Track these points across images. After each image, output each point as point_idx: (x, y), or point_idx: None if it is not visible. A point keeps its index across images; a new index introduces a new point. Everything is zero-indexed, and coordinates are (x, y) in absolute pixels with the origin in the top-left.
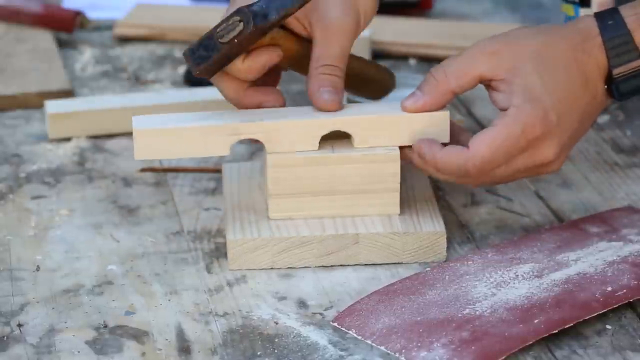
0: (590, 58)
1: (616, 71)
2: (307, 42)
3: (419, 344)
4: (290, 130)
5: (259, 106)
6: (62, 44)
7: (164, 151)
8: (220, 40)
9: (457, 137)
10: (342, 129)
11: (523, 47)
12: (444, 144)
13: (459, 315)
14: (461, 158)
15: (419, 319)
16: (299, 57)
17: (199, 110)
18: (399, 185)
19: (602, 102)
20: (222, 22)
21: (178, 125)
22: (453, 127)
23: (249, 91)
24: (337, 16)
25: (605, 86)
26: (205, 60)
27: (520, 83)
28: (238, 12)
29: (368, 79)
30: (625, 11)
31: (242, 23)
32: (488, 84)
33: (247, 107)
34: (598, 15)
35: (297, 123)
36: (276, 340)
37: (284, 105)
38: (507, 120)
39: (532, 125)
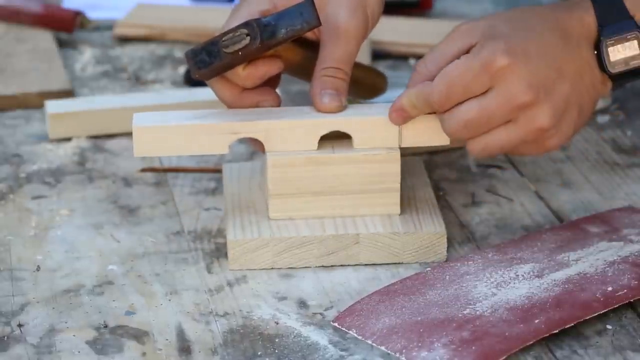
0: (572, 14)
1: (604, 33)
2: (308, 54)
3: (420, 344)
4: (289, 130)
5: (255, 106)
6: (62, 44)
7: (163, 148)
8: (224, 49)
9: None
10: (342, 130)
11: (498, 15)
12: None
13: (460, 315)
14: (426, 84)
15: (419, 318)
16: (300, 67)
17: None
18: (399, 185)
19: (593, 68)
20: (229, 31)
21: (177, 122)
22: None
23: (245, 92)
24: (346, 20)
25: (595, 52)
26: (206, 66)
27: (487, 32)
28: (246, 25)
29: (357, 82)
30: None
31: (249, 37)
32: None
33: (243, 107)
34: None
35: (296, 123)
36: (277, 340)
37: (279, 105)
38: (468, 55)
39: (492, 56)
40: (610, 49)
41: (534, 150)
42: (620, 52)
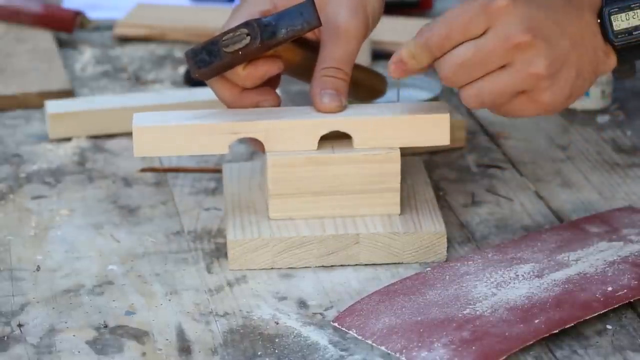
0: None
1: (608, 1)
2: (308, 54)
3: (420, 344)
4: (289, 130)
5: (255, 106)
6: (62, 44)
7: (163, 148)
8: (224, 49)
9: None
10: (342, 130)
11: None
12: None
13: (460, 315)
14: (425, 29)
15: (419, 318)
16: (300, 67)
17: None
18: (399, 185)
19: (595, 34)
20: (229, 31)
21: (177, 122)
22: None
23: (245, 92)
24: (346, 20)
25: (599, 20)
26: (206, 65)
27: None
28: (247, 25)
29: (357, 83)
30: None
31: (249, 37)
32: None
33: (242, 107)
34: None
35: (296, 123)
36: (276, 340)
37: (279, 105)
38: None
39: None
40: (613, 17)
41: (528, 107)
42: (624, 22)
